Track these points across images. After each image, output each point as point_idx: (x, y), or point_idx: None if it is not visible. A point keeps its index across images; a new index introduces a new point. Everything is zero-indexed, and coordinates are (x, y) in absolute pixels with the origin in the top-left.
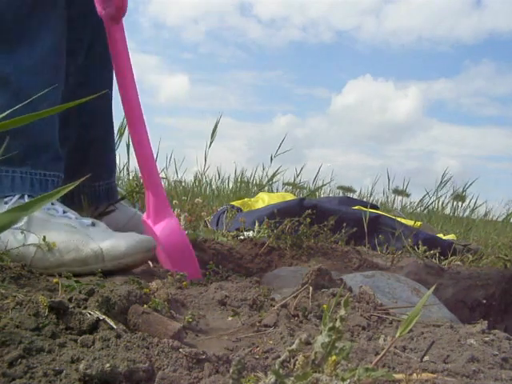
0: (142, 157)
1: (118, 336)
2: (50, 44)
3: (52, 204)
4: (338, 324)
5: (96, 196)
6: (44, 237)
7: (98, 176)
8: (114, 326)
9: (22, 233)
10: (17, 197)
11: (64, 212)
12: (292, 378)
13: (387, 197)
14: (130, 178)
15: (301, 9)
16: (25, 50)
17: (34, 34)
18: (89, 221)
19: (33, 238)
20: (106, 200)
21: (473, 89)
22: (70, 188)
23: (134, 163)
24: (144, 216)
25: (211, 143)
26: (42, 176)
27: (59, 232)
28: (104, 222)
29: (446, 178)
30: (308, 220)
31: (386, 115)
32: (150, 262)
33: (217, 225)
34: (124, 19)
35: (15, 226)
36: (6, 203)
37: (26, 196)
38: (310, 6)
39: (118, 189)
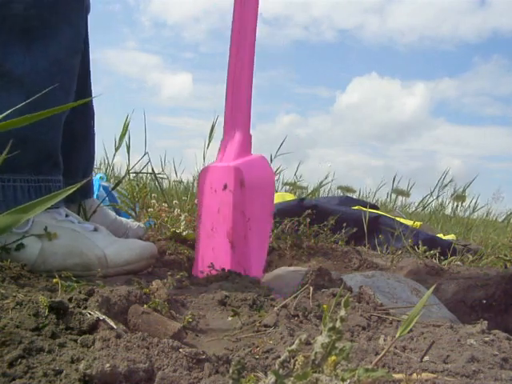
0: (244, 98)
1: (118, 336)
2: (66, 43)
3: (56, 207)
4: (338, 324)
5: (72, 193)
6: (49, 237)
7: (75, 171)
8: (114, 326)
9: (24, 236)
10: None
11: (67, 216)
12: (292, 378)
13: (388, 196)
14: (130, 177)
15: (303, 8)
16: (41, 48)
17: (53, 31)
18: (91, 226)
19: (35, 242)
20: (81, 198)
21: (477, 88)
22: (72, 190)
23: (134, 163)
24: (214, 162)
25: (209, 144)
26: (47, 183)
27: (63, 236)
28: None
29: (447, 180)
30: (308, 220)
31: (392, 114)
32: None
33: None
34: (125, 18)
35: (20, 229)
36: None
37: None
38: (313, 5)
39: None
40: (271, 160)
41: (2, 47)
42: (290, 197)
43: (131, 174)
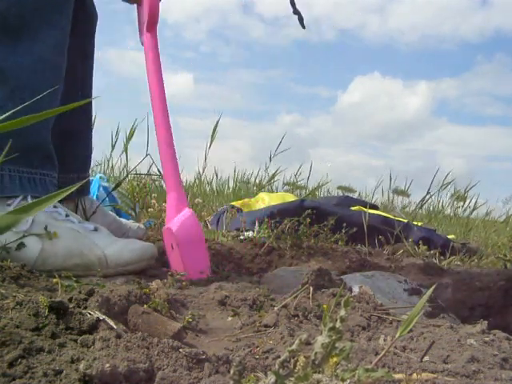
0: (171, 168)
1: (118, 336)
2: (51, 42)
3: (55, 207)
4: (338, 324)
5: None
6: (49, 237)
7: (69, 168)
8: (114, 326)
9: (24, 235)
10: (20, 198)
11: (67, 215)
12: (292, 379)
13: (384, 195)
14: (131, 177)
15: (303, 8)
16: (25, 47)
17: (35, 32)
18: (91, 225)
19: (36, 241)
20: (77, 195)
21: (479, 88)
22: (72, 190)
23: (134, 164)
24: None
25: (211, 144)
26: (41, 176)
27: (63, 236)
28: None
29: (447, 180)
30: (308, 220)
31: (393, 114)
32: None
33: (217, 225)
34: (126, 17)
35: (19, 228)
36: (8, 205)
37: (29, 197)
38: (314, 5)
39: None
40: (270, 159)
41: None
42: (289, 197)
43: (131, 174)
